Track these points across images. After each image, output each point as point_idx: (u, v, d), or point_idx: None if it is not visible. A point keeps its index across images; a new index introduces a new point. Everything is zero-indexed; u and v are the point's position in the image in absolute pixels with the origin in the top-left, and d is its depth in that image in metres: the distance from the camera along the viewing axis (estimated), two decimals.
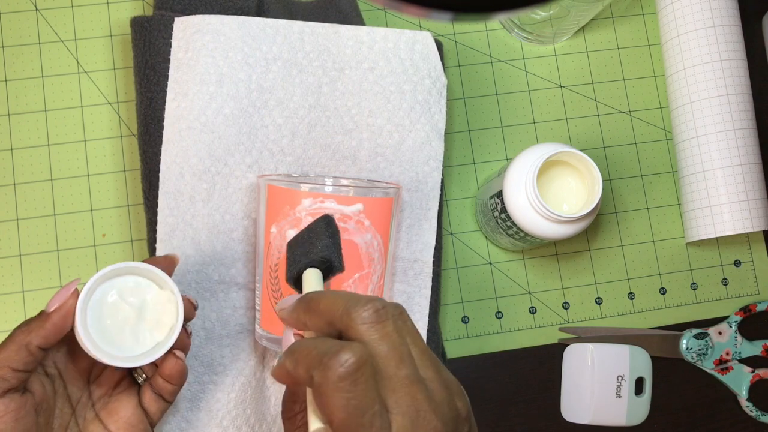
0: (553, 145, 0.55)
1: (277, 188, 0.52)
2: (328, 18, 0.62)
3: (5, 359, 0.43)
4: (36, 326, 0.43)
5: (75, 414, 0.47)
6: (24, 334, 0.43)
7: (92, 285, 0.45)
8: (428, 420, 0.34)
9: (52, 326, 0.43)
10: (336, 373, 0.33)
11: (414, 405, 0.34)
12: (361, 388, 0.33)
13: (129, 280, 0.47)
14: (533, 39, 0.66)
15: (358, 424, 0.33)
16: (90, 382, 0.49)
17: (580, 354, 0.62)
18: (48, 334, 0.43)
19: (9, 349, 0.43)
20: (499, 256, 0.64)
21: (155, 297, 0.47)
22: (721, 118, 0.62)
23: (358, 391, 0.33)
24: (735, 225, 0.61)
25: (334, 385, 0.33)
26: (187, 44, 0.57)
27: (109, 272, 0.45)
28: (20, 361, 0.43)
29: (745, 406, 0.63)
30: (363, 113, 0.59)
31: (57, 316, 0.44)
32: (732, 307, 0.65)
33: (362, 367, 0.33)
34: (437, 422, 0.34)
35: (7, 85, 0.62)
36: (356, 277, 0.52)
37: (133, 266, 0.46)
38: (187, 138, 0.57)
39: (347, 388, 0.33)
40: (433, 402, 0.35)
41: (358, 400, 0.33)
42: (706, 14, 0.63)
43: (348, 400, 0.33)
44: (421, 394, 0.35)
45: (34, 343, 0.43)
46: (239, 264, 0.57)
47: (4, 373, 0.43)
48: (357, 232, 0.51)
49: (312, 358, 0.34)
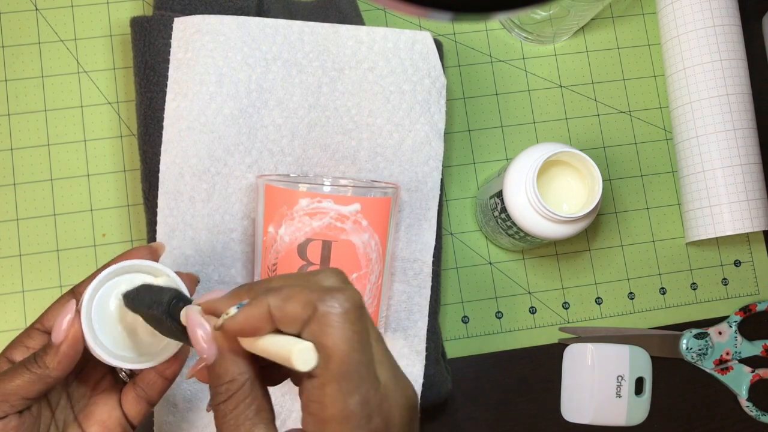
0: (553, 145, 0.55)
1: (274, 188, 0.52)
2: (328, 18, 0.62)
3: (19, 388, 0.42)
4: (51, 359, 0.42)
5: (54, 418, 0.46)
6: (41, 368, 0.42)
7: (89, 297, 0.43)
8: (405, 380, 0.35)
9: (65, 357, 0.42)
10: (344, 305, 0.33)
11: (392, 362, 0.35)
12: (363, 327, 0.33)
13: (123, 279, 0.45)
14: (533, 39, 0.66)
15: (358, 363, 0.33)
16: (68, 384, 0.47)
17: (580, 354, 0.62)
18: (64, 366, 0.43)
19: (23, 378, 0.42)
20: (499, 256, 0.64)
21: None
22: (721, 118, 0.62)
23: (362, 328, 0.33)
24: (735, 225, 0.61)
25: (342, 316, 0.33)
26: (187, 44, 0.57)
27: (100, 282, 0.44)
28: (36, 391, 0.42)
29: (745, 406, 0.63)
30: (363, 113, 0.59)
31: (66, 346, 0.42)
32: (732, 307, 0.65)
33: (363, 308, 0.34)
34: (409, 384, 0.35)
35: (7, 85, 0.62)
36: (354, 277, 0.52)
37: (122, 267, 0.45)
38: (186, 138, 0.57)
39: (354, 323, 0.33)
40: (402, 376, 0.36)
41: (361, 335, 0.33)
42: (706, 14, 0.63)
43: (353, 334, 0.33)
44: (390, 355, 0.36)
45: (53, 376, 0.42)
46: (239, 264, 0.57)
47: (15, 401, 0.42)
48: (354, 232, 0.51)
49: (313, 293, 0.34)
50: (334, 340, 0.32)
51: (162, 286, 0.42)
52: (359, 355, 0.33)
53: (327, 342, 0.33)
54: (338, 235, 0.51)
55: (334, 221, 0.51)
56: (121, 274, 0.45)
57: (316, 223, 0.51)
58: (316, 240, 0.51)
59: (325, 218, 0.51)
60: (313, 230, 0.51)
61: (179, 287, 0.44)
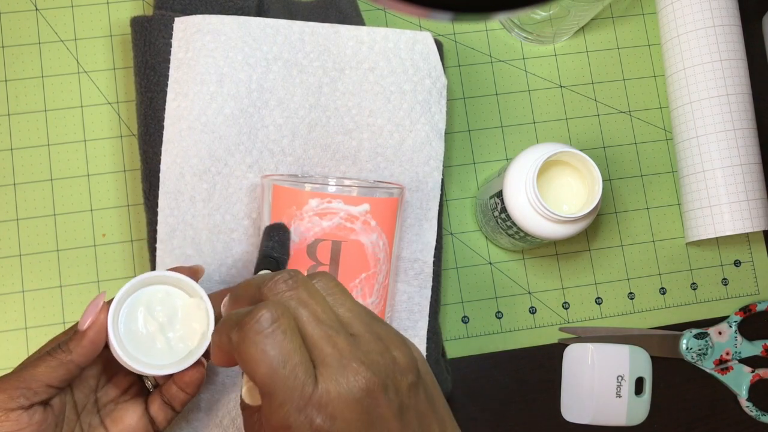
0: (553, 145, 0.55)
1: (283, 189, 0.52)
2: (328, 18, 0.62)
3: (43, 375, 0.43)
4: (75, 344, 0.43)
5: (80, 420, 0.47)
6: (64, 353, 0.43)
7: (122, 296, 0.45)
8: (354, 369, 0.33)
9: (90, 343, 0.43)
10: (252, 328, 0.33)
11: (336, 355, 0.34)
12: (279, 340, 0.33)
13: (158, 289, 0.47)
14: (533, 39, 0.66)
15: (280, 377, 0.33)
16: (97, 389, 0.48)
17: (580, 354, 0.62)
18: (87, 352, 0.43)
19: (48, 365, 0.43)
20: (499, 256, 0.64)
21: (185, 304, 0.47)
22: (721, 118, 0.62)
23: (275, 342, 0.33)
24: (735, 225, 0.61)
25: (251, 339, 0.33)
26: (188, 44, 0.57)
27: (137, 283, 0.45)
28: (58, 378, 0.43)
29: (745, 406, 0.63)
30: (363, 113, 0.59)
31: (92, 332, 0.43)
32: (732, 307, 0.65)
33: (278, 320, 0.34)
34: (365, 371, 0.33)
35: (7, 85, 0.62)
36: (362, 277, 0.52)
37: (161, 275, 0.46)
38: (187, 138, 0.57)
39: (262, 341, 0.33)
40: (359, 351, 0.34)
41: (276, 351, 0.33)
42: (706, 14, 0.63)
43: (264, 353, 0.33)
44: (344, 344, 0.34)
45: (76, 362, 0.43)
46: (240, 264, 0.57)
47: (38, 387, 0.42)
48: (363, 233, 0.51)
49: (231, 323, 0.35)
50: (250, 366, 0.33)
51: (285, 245, 0.48)
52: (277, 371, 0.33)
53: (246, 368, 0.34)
54: (347, 236, 0.51)
55: (344, 221, 0.51)
56: (155, 283, 0.47)
57: (325, 223, 0.51)
58: (325, 240, 0.51)
59: (335, 218, 0.51)
60: (323, 230, 0.51)
61: (209, 310, 0.46)
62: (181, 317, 0.47)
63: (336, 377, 0.33)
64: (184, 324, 0.47)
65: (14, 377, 0.43)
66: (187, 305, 0.47)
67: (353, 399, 0.33)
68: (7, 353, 0.59)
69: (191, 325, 0.47)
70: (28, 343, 0.59)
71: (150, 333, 0.46)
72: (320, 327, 0.34)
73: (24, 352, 0.59)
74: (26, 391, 0.42)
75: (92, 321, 0.43)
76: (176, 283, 0.47)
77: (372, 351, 0.34)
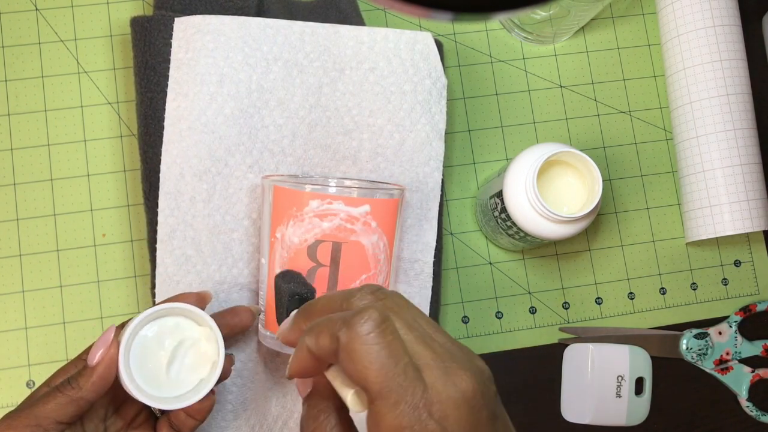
0: (553, 145, 0.55)
1: (284, 189, 0.52)
2: (328, 18, 0.62)
3: (53, 412, 0.42)
4: (85, 381, 0.43)
5: None
6: (74, 389, 0.43)
7: (132, 330, 0.45)
8: (458, 373, 0.34)
9: (100, 379, 0.43)
10: (363, 327, 0.33)
11: (437, 359, 0.34)
12: (389, 339, 0.33)
13: (168, 320, 0.47)
14: (533, 39, 0.66)
15: (393, 374, 0.33)
16: (106, 418, 0.48)
17: (580, 354, 0.62)
18: (97, 388, 0.43)
19: (58, 401, 0.43)
20: (499, 256, 0.64)
21: (195, 335, 0.47)
22: (721, 118, 0.62)
23: (386, 342, 0.33)
24: (735, 225, 0.61)
25: (363, 338, 0.33)
26: (188, 44, 0.57)
27: (146, 317, 0.45)
28: (68, 415, 0.43)
29: (745, 406, 0.63)
30: (363, 113, 0.59)
31: (102, 368, 0.43)
32: (732, 307, 0.65)
33: (386, 321, 0.34)
34: (468, 375, 0.34)
35: (7, 85, 0.62)
36: (363, 279, 0.52)
37: (170, 308, 0.47)
38: (187, 138, 0.57)
39: (376, 340, 0.33)
40: (456, 358, 0.35)
41: (388, 350, 0.33)
42: (706, 14, 0.63)
43: (379, 351, 0.33)
44: (440, 350, 0.35)
45: (86, 398, 0.43)
46: (240, 264, 0.57)
47: (48, 425, 0.42)
48: (364, 234, 0.51)
49: (334, 323, 0.35)
50: (362, 365, 0.33)
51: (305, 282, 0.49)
52: (390, 370, 0.33)
53: (356, 369, 0.33)
54: (348, 237, 0.51)
55: (344, 222, 0.51)
56: (164, 316, 0.47)
57: (326, 225, 0.51)
58: (326, 241, 0.51)
59: (335, 219, 0.51)
60: (323, 231, 0.51)
61: (219, 339, 0.46)
62: (191, 347, 0.47)
63: (442, 379, 0.34)
64: (194, 354, 0.47)
65: (24, 415, 0.42)
66: (196, 335, 0.47)
67: (462, 400, 0.34)
68: (7, 353, 0.59)
69: (201, 354, 0.47)
70: (28, 343, 0.59)
71: (160, 365, 0.46)
72: (415, 333, 0.35)
73: (24, 352, 0.59)
74: (37, 428, 0.42)
75: (102, 356, 0.43)
76: (185, 314, 0.47)
77: (464, 359, 0.35)
